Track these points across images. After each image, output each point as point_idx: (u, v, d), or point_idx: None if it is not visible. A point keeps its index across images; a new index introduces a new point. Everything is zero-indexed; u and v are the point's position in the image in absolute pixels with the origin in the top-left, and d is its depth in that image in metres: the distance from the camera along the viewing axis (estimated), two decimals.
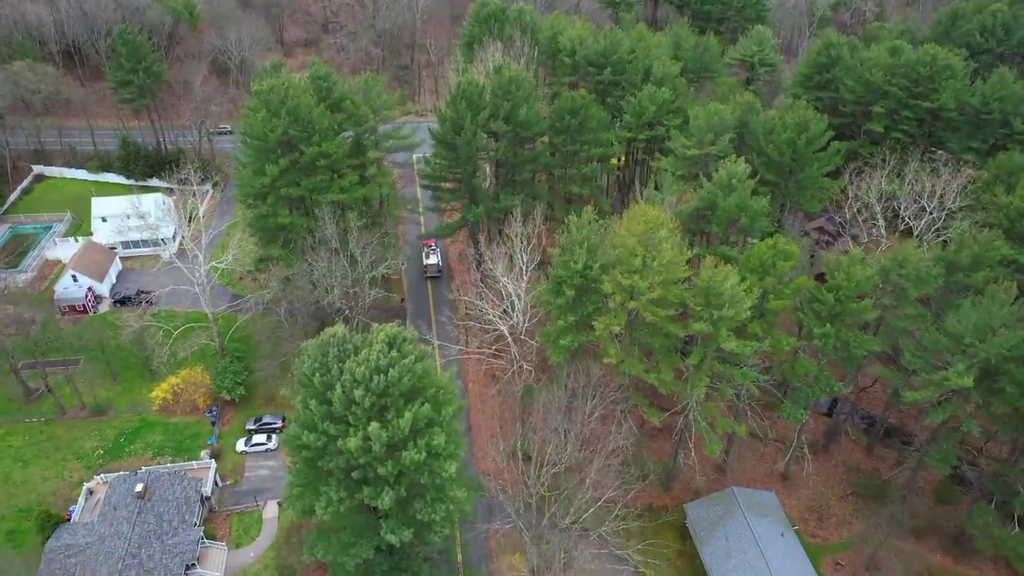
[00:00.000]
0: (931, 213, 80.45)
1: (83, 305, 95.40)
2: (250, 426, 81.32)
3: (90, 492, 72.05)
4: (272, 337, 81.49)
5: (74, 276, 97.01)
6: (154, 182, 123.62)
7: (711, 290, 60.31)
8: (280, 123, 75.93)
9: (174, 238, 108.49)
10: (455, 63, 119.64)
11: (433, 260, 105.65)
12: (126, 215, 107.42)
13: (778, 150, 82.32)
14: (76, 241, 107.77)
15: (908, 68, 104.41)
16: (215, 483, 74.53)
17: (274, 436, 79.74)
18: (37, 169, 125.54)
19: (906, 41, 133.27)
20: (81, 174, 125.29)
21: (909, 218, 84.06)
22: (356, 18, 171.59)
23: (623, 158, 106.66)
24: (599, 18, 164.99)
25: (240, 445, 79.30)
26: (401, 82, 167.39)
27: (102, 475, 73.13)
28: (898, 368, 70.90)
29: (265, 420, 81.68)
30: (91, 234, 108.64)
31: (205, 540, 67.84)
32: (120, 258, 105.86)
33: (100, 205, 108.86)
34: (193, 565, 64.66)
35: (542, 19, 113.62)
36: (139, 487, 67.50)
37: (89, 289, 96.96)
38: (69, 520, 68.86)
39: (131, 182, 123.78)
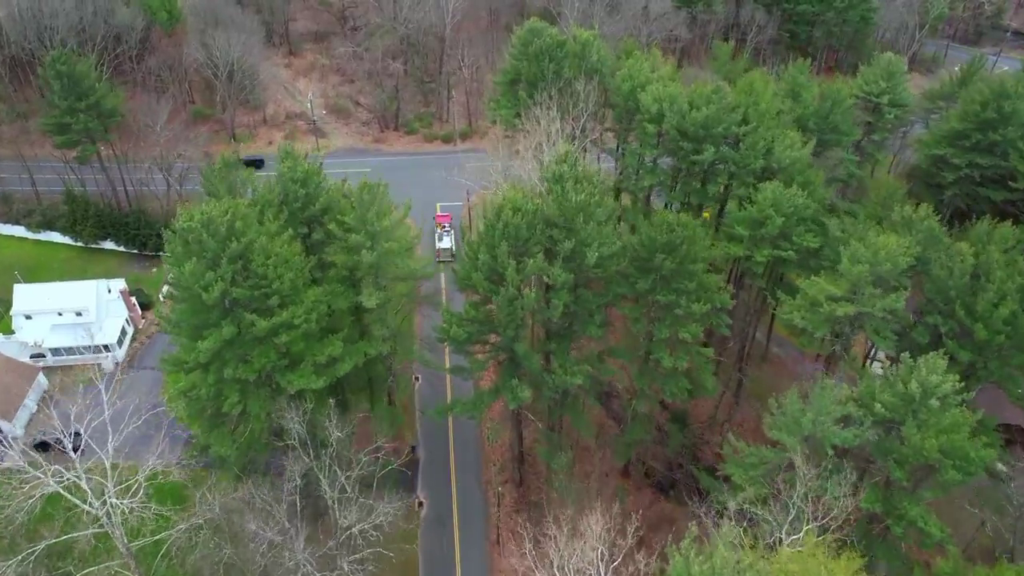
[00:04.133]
0: None
1: None
2: None
3: None
4: (217, 570, 55.54)
5: None
6: (108, 245, 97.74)
7: None
8: (220, 277, 48.98)
9: (120, 342, 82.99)
10: (491, 109, 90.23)
11: (447, 244, 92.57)
12: (57, 312, 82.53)
13: (987, 327, 53.34)
14: None
15: None
16: None
17: None
18: None
19: None
20: (19, 231, 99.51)
21: None
22: (380, 12, 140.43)
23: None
24: (670, 21, 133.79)
25: None
26: (426, 96, 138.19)
27: None
28: None
29: None
30: (12, 333, 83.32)
31: None
32: (45, 369, 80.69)
33: (24, 297, 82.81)
34: None
35: (612, 60, 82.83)
36: None
37: None
38: None
39: (80, 244, 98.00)
